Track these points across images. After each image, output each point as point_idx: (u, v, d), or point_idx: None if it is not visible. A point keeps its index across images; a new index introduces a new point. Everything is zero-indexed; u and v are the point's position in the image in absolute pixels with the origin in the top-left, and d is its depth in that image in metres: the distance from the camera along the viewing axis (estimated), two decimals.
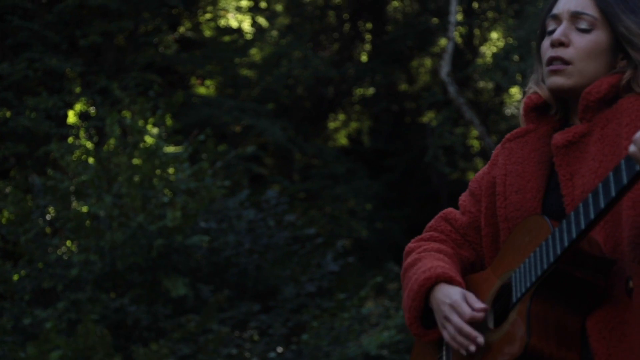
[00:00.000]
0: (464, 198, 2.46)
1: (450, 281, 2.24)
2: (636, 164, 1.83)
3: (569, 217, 1.99)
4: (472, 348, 2.13)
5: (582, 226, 1.95)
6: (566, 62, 2.21)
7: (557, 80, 2.22)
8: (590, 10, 2.23)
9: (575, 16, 2.23)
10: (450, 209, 2.48)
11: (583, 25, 2.23)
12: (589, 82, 2.21)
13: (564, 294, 2.06)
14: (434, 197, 16.40)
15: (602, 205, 1.91)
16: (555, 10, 2.27)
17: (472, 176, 17.13)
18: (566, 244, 1.98)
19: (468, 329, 2.14)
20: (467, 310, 2.16)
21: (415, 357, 2.45)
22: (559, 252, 2.00)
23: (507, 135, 2.38)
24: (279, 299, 9.15)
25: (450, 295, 2.21)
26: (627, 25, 2.21)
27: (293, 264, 9.61)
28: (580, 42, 2.21)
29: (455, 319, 2.17)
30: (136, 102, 9.04)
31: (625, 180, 1.87)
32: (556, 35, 2.22)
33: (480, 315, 2.16)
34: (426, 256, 2.36)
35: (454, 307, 2.18)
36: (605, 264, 2.04)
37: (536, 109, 2.31)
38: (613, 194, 1.89)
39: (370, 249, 14.82)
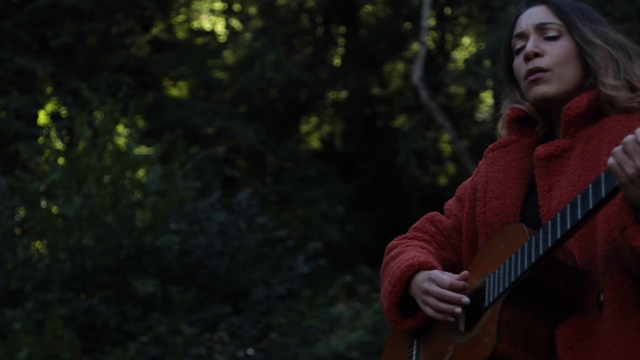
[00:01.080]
0: (450, 203, 2.52)
1: (432, 268, 2.28)
2: (615, 178, 1.88)
3: (545, 227, 2.03)
4: (458, 310, 2.16)
5: (558, 236, 1.99)
6: (543, 70, 2.26)
7: (540, 89, 2.26)
8: (553, 19, 2.30)
9: (540, 28, 2.30)
10: (436, 212, 2.53)
11: (551, 34, 2.29)
12: (569, 87, 2.26)
13: (535, 301, 2.08)
14: (406, 200, 16.48)
15: (579, 216, 1.95)
16: (519, 29, 2.34)
17: (443, 180, 17.24)
18: (541, 252, 2.01)
19: (450, 293, 2.18)
20: (446, 278, 2.20)
21: (387, 352, 2.48)
22: (533, 260, 2.03)
23: (491, 145, 2.43)
24: (250, 301, 9.15)
25: (429, 273, 2.25)
26: (582, 33, 2.28)
27: (264, 266, 9.62)
28: (553, 49, 2.27)
29: (436, 288, 2.20)
30: (106, 103, 9.00)
31: (603, 194, 1.91)
32: (529, 48, 2.28)
33: (460, 283, 2.19)
34: (409, 249, 2.40)
35: (433, 280, 2.22)
36: (579, 275, 2.07)
37: (519, 121, 2.37)
38: (590, 206, 1.93)
39: (341, 251, 14.85)
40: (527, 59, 2.28)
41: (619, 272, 2.04)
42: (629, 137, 1.87)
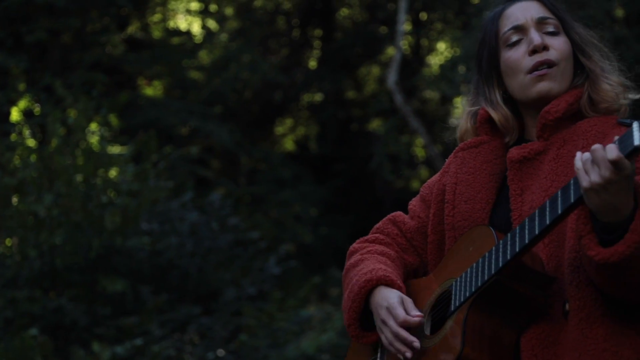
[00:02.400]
0: (414, 203, 2.46)
1: (391, 284, 2.24)
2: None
3: (514, 231, 2.01)
4: (408, 355, 2.13)
5: (526, 240, 1.97)
6: (551, 65, 2.21)
7: (546, 85, 2.21)
8: (550, 15, 2.27)
9: (541, 22, 2.26)
10: (399, 213, 2.47)
11: (551, 29, 2.25)
12: (567, 85, 2.24)
13: (502, 306, 2.06)
14: (379, 204, 16.53)
15: (548, 221, 1.94)
16: (516, 22, 2.27)
17: (416, 184, 17.31)
18: (509, 257, 1.99)
19: (404, 333, 2.14)
20: (401, 314, 2.16)
21: (350, 358, 2.44)
22: (500, 264, 2.01)
23: (460, 145, 2.38)
24: (220, 302, 9.13)
25: (387, 298, 2.20)
26: (579, 32, 2.28)
27: (235, 267, 9.60)
28: (558, 44, 2.24)
29: (392, 323, 2.16)
30: (79, 101, 8.94)
31: (572, 199, 1.91)
32: (537, 40, 2.22)
33: (414, 320, 2.15)
34: (369, 258, 2.35)
35: (390, 311, 2.18)
36: (546, 280, 2.05)
37: (490, 121, 2.32)
38: (559, 211, 1.92)
39: (314, 254, 14.87)
40: (534, 51, 2.22)
41: (586, 282, 2.03)
42: (597, 146, 1.86)
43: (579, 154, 1.91)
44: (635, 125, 1.82)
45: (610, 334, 2.01)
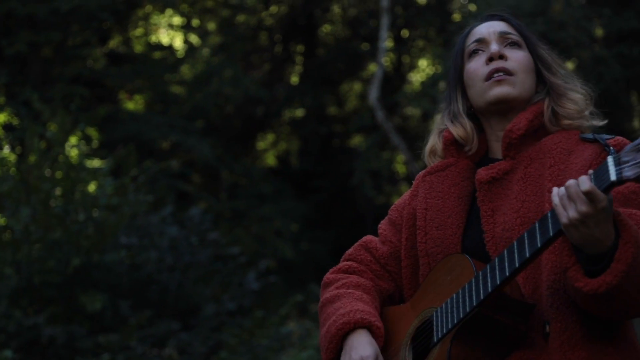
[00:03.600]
0: (384, 227, 2.45)
1: (369, 326, 2.24)
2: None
3: (493, 263, 2.02)
4: None
5: (507, 273, 1.98)
6: (509, 73, 2.25)
7: (503, 90, 2.24)
8: (513, 31, 2.33)
9: (502, 36, 2.31)
10: (370, 237, 2.47)
11: (512, 43, 2.31)
12: (526, 97, 2.27)
13: (484, 336, 2.07)
14: (360, 220, 16.54)
15: (527, 254, 1.95)
16: (479, 35, 2.33)
17: (397, 200, 17.32)
18: (490, 289, 2.00)
19: None
20: None
21: None
22: (482, 296, 2.02)
23: (428, 168, 2.39)
24: (200, 317, 9.08)
25: (362, 349, 2.22)
26: (540, 52, 2.32)
27: (215, 282, 9.55)
28: (517, 56, 2.28)
29: None
30: (57, 115, 8.89)
31: (550, 233, 1.92)
32: (494, 49, 2.27)
33: None
34: (345, 295, 2.34)
35: None
36: (526, 308, 2.07)
37: (456, 143, 2.34)
38: (539, 244, 1.93)
39: (294, 269, 14.84)
40: (491, 59, 2.27)
41: (566, 304, 2.05)
42: (571, 182, 1.88)
43: (555, 190, 1.92)
44: (609, 159, 1.83)
45: (593, 354, 2.02)
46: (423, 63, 17.64)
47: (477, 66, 2.29)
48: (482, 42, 2.32)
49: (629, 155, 1.80)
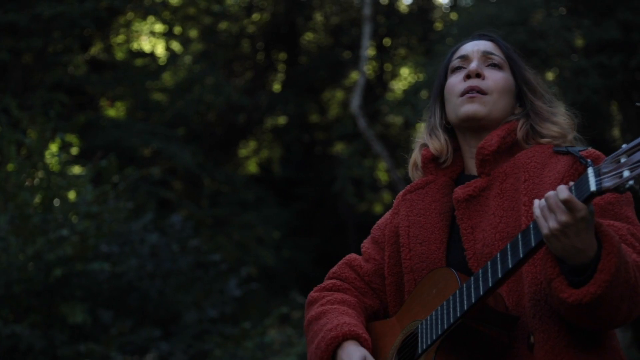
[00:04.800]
0: (367, 245, 2.49)
1: (357, 338, 2.27)
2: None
3: (477, 275, 2.05)
4: None
5: (490, 284, 2.01)
6: (483, 93, 2.31)
7: (473, 107, 2.29)
8: (499, 52, 2.39)
9: (485, 55, 2.37)
10: (353, 256, 2.51)
11: (494, 63, 2.36)
12: (497, 117, 2.32)
13: (468, 347, 2.09)
14: (342, 227, 16.56)
15: (510, 265, 1.98)
16: (463, 52, 2.40)
17: (379, 208, 17.37)
18: (473, 300, 2.03)
19: None
20: None
21: None
22: (465, 307, 2.05)
23: (408, 187, 2.45)
24: (181, 325, 9.04)
25: (351, 356, 2.24)
26: (525, 76, 2.37)
27: (196, 289, 9.52)
28: (495, 76, 2.33)
29: None
30: (36, 122, 8.83)
31: (532, 244, 1.95)
32: (473, 66, 2.33)
33: None
34: (331, 310, 2.37)
35: None
36: (509, 320, 2.09)
37: (434, 160, 2.40)
38: (521, 255, 1.96)
39: (276, 276, 14.82)
40: (468, 76, 2.32)
41: (548, 314, 2.08)
42: (551, 193, 1.91)
43: (536, 202, 1.95)
44: (590, 170, 1.86)
45: None
46: (405, 71, 17.71)
47: (455, 81, 2.36)
48: (465, 59, 2.38)
49: (609, 166, 1.83)
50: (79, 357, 7.79)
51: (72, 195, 8.60)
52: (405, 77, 17.60)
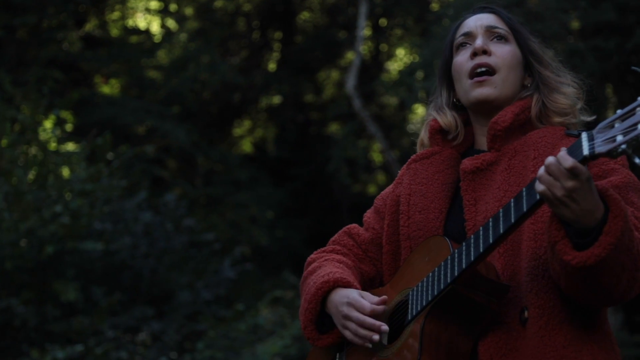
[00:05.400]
0: (369, 215, 2.51)
1: (348, 285, 2.28)
2: (537, 193, 1.92)
3: (468, 240, 2.06)
4: (376, 337, 2.16)
5: (481, 249, 2.02)
6: (491, 71, 2.29)
7: (484, 91, 2.29)
8: (501, 25, 2.36)
9: (489, 30, 2.35)
10: (354, 225, 2.52)
11: (499, 37, 2.34)
12: (509, 94, 2.31)
13: (457, 315, 2.10)
14: (336, 208, 16.56)
15: (501, 230, 1.99)
16: (466, 29, 2.37)
17: (373, 189, 17.39)
18: (464, 266, 2.04)
19: (370, 320, 2.18)
20: (366, 305, 2.20)
21: None
22: (456, 273, 2.05)
23: (413, 156, 2.44)
24: (174, 305, 9.05)
25: (347, 294, 2.24)
26: (531, 47, 2.36)
27: (190, 269, 9.53)
28: (502, 51, 2.32)
29: (356, 314, 2.19)
30: (29, 98, 8.79)
31: (525, 208, 1.96)
32: (478, 43, 2.31)
33: (380, 308, 2.19)
34: (326, 264, 2.39)
35: (352, 305, 2.21)
36: (500, 288, 2.10)
37: (441, 132, 2.39)
38: (512, 220, 1.97)
39: (269, 256, 14.84)
40: (475, 54, 2.31)
41: (545, 289, 2.08)
42: (551, 159, 1.90)
43: (541, 170, 1.93)
44: (583, 135, 1.87)
45: (569, 340, 2.05)
46: (401, 52, 17.65)
47: (462, 60, 2.34)
48: (469, 35, 2.36)
49: (602, 131, 1.84)
50: (71, 332, 7.81)
51: (66, 172, 8.58)
52: (401, 58, 17.55)
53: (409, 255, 2.27)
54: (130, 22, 16.41)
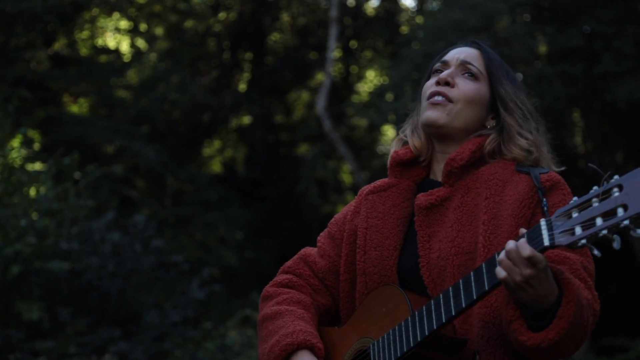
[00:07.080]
0: (322, 240, 2.51)
1: (312, 347, 2.30)
2: (499, 272, 1.97)
3: (429, 306, 2.11)
4: None
5: (443, 320, 2.07)
6: (448, 100, 2.33)
7: (433, 114, 2.33)
8: (478, 63, 2.40)
9: (463, 64, 2.39)
10: (309, 250, 2.52)
11: (469, 74, 2.38)
12: (461, 127, 2.34)
13: None
14: (305, 228, 16.55)
15: (463, 304, 2.04)
16: (445, 57, 2.43)
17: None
18: (427, 332, 2.10)
19: None
20: None
21: None
22: (419, 338, 2.11)
23: (370, 187, 2.46)
24: (142, 326, 8.96)
25: None
26: (506, 88, 2.37)
27: (158, 289, 9.44)
28: (466, 86, 2.35)
29: None
30: None
31: (486, 287, 2.02)
32: (443, 75, 2.36)
33: None
34: (287, 312, 2.39)
35: None
36: (459, 344, 2.15)
37: (401, 164, 2.42)
38: (474, 296, 2.03)
39: (238, 277, 14.78)
40: (438, 83, 2.35)
41: (495, 336, 2.14)
42: (511, 245, 1.95)
43: (501, 255, 1.97)
44: (542, 222, 1.92)
45: None
46: (371, 74, 17.77)
47: (429, 84, 2.40)
48: (445, 64, 2.42)
49: (560, 220, 1.89)
50: (36, 355, 7.69)
51: (32, 191, 8.48)
52: (370, 80, 17.67)
53: (366, 299, 2.31)
54: (99, 42, 16.34)
